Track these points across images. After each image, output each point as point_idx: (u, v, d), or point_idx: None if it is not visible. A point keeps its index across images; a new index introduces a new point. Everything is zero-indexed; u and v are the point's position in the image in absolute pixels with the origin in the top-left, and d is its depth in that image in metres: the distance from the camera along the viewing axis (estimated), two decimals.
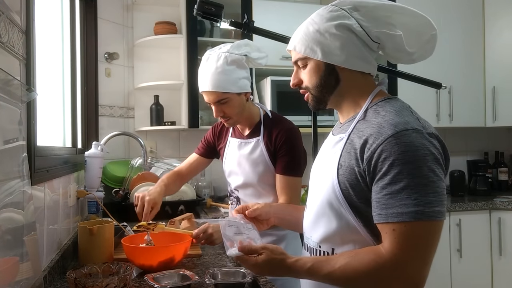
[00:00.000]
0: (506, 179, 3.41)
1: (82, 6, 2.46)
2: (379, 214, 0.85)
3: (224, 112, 1.57)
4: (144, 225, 1.43)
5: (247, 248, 0.98)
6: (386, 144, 0.85)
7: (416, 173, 0.82)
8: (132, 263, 1.26)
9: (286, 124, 1.62)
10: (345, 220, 0.93)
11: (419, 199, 0.81)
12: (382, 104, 0.96)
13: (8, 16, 0.96)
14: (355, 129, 0.95)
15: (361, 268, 0.85)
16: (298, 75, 1.05)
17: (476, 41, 3.19)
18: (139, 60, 2.95)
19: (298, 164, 1.59)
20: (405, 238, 0.82)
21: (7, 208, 0.81)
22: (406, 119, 0.88)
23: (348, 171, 0.91)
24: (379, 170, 0.85)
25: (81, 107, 2.37)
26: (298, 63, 1.03)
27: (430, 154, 0.84)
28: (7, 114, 0.87)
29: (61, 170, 1.53)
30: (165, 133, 3.00)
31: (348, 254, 0.90)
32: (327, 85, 1.00)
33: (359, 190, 0.90)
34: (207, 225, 1.46)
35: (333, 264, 0.88)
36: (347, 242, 0.94)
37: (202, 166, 1.89)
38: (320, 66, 0.99)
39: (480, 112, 3.22)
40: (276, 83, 2.76)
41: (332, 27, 0.96)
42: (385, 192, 0.84)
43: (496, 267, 2.85)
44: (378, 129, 0.88)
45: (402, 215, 0.82)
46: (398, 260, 0.83)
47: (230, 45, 1.56)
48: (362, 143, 0.89)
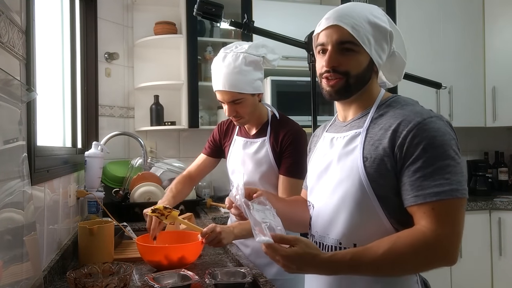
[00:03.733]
0: (506, 179, 3.41)
1: (82, 6, 2.46)
2: (416, 195, 0.88)
3: (237, 111, 1.57)
4: (160, 208, 1.41)
5: (278, 236, 0.90)
6: (417, 130, 0.90)
7: (446, 156, 0.88)
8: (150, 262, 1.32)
9: (293, 126, 1.63)
10: (370, 212, 0.94)
11: (451, 178, 0.87)
12: (394, 100, 1.02)
13: (8, 16, 0.96)
14: (371, 123, 0.99)
15: (407, 249, 0.87)
16: (337, 57, 0.98)
17: (476, 41, 3.19)
18: (139, 60, 2.95)
19: (302, 166, 1.58)
20: (445, 215, 0.87)
21: (7, 208, 0.81)
22: (425, 109, 0.95)
23: (377, 162, 0.93)
24: (411, 154, 0.89)
25: (81, 107, 2.37)
26: (346, 45, 0.97)
27: (453, 139, 0.91)
28: (7, 114, 0.87)
29: (61, 170, 1.53)
30: (165, 133, 3.00)
31: (387, 240, 0.89)
32: (364, 79, 1.01)
33: (389, 178, 0.93)
34: (214, 225, 1.45)
35: (375, 251, 0.88)
36: (370, 235, 0.94)
37: (210, 166, 1.88)
38: (366, 58, 0.99)
39: (480, 112, 3.22)
40: (276, 83, 2.76)
41: (387, 31, 1.01)
42: (419, 174, 0.88)
43: (496, 267, 2.85)
44: (405, 117, 0.93)
45: (440, 194, 0.86)
46: (441, 235, 0.86)
47: (248, 45, 1.55)
48: (390, 132, 0.93)
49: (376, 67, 1.02)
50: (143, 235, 1.52)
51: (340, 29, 0.97)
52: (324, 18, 1.02)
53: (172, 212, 1.42)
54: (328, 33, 0.99)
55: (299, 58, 2.64)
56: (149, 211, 1.43)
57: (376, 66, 1.02)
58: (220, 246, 1.48)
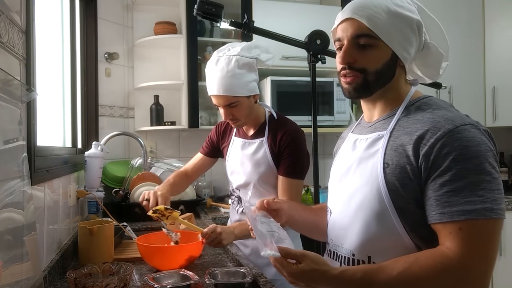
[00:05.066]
0: (506, 179, 3.40)
1: (82, 6, 2.46)
2: (441, 212, 0.79)
3: (233, 115, 1.56)
4: (161, 209, 1.40)
5: (285, 251, 0.85)
6: (447, 138, 0.80)
7: (480, 169, 0.78)
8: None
9: (291, 126, 1.62)
10: (388, 224, 0.86)
11: (485, 195, 0.77)
12: (425, 101, 0.92)
13: (8, 16, 0.96)
14: (397, 126, 0.90)
15: (426, 273, 0.77)
16: (353, 53, 0.91)
17: (476, 41, 3.18)
18: (139, 60, 2.95)
19: (301, 166, 1.58)
20: (473, 238, 0.77)
21: (7, 208, 0.81)
22: (460, 115, 0.85)
23: (398, 170, 0.85)
24: (439, 166, 0.80)
25: (81, 107, 2.37)
26: (361, 40, 0.90)
27: (490, 150, 0.81)
28: (7, 114, 0.87)
29: (61, 170, 1.53)
30: (165, 133, 3.00)
31: (404, 260, 0.81)
32: (386, 75, 0.93)
33: (411, 189, 0.84)
34: (215, 225, 1.45)
35: (389, 271, 0.79)
36: (386, 248, 0.87)
37: (207, 165, 1.89)
38: (387, 52, 0.91)
39: (480, 112, 3.22)
40: (276, 83, 2.76)
41: (413, 20, 0.91)
42: (447, 189, 0.79)
43: (496, 267, 2.83)
44: (434, 123, 0.83)
45: (470, 212, 0.76)
46: (467, 261, 0.76)
47: (240, 47, 1.53)
48: (415, 139, 0.83)
49: (402, 61, 0.93)
50: (143, 235, 1.53)
51: (356, 22, 0.90)
52: (341, 12, 0.95)
53: (173, 212, 1.42)
54: (344, 27, 0.92)
55: (299, 58, 2.65)
56: (150, 212, 1.43)
57: (402, 61, 0.92)
58: (221, 246, 1.48)
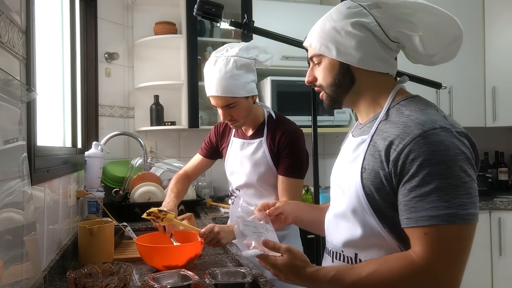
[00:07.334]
0: (506, 179, 3.41)
1: (82, 6, 2.46)
2: (408, 217, 0.81)
3: (231, 115, 1.56)
4: (155, 212, 1.40)
5: (270, 244, 0.92)
6: (414, 144, 0.80)
7: (447, 174, 0.78)
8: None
9: (289, 125, 1.62)
10: (369, 225, 0.88)
11: (451, 201, 0.77)
12: (405, 103, 0.92)
13: (8, 16, 0.96)
14: (378, 130, 0.91)
15: (392, 276, 0.80)
16: (313, 72, 1.02)
17: (476, 41, 3.18)
18: (139, 60, 2.95)
19: (301, 166, 1.58)
20: (438, 243, 0.78)
21: (7, 208, 0.81)
22: (433, 117, 0.84)
23: (373, 175, 0.87)
24: (407, 171, 0.81)
25: (81, 107, 2.37)
26: (314, 59, 1.00)
27: (461, 153, 0.79)
28: (7, 114, 0.87)
29: (61, 170, 1.53)
30: (165, 133, 3.00)
31: (375, 262, 0.84)
32: (342, 84, 0.96)
33: (385, 194, 0.85)
34: (213, 225, 1.45)
35: (358, 273, 0.83)
36: (372, 246, 0.89)
37: (206, 166, 1.89)
38: (334, 64, 0.96)
39: (480, 112, 3.22)
40: (276, 83, 2.76)
41: (349, 25, 0.92)
42: (414, 194, 0.80)
43: (496, 267, 2.85)
44: (404, 129, 0.84)
45: (434, 218, 0.77)
46: (433, 266, 0.78)
47: (238, 47, 1.54)
48: (387, 144, 0.85)
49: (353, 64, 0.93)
50: (143, 235, 1.53)
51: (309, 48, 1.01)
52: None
53: (167, 214, 1.41)
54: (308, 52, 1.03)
55: (299, 58, 2.65)
56: (144, 215, 1.42)
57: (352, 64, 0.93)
58: (219, 246, 1.48)
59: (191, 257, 1.40)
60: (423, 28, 0.90)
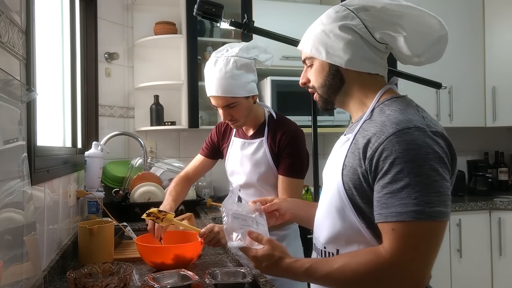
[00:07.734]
0: (506, 179, 3.41)
1: (82, 6, 2.46)
2: (379, 213, 0.84)
3: (232, 115, 1.57)
4: (154, 212, 1.39)
5: (254, 235, 0.98)
6: (387, 142, 0.83)
7: (417, 172, 0.80)
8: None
9: (290, 126, 1.62)
10: (349, 221, 0.92)
11: (420, 198, 0.79)
12: (388, 103, 0.94)
13: (8, 16, 0.96)
14: (361, 129, 0.94)
15: (360, 268, 0.84)
16: (306, 74, 1.06)
17: (476, 41, 3.19)
18: (139, 60, 2.95)
19: (301, 166, 1.58)
20: (404, 238, 0.80)
21: (7, 208, 0.81)
22: (409, 117, 0.86)
23: (352, 172, 0.90)
24: (380, 169, 0.84)
25: (81, 107, 2.37)
26: (306, 62, 1.05)
27: (433, 152, 0.82)
28: (7, 114, 0.87)
29: (61, 170, 1.53)
30: (165, 133, 3.00)
31: (347, 255, 0.89)
32: (332, 85, 1.00)
33: (362, 190, 0.89)
34: (212, 225, 1.45)
35: (331, 265, 0.87)
36: (352, 243, 0.92)
37: (208, 167, 1.87)
38: (324, 66, 1.00)
39: (480, 112, 3.22)
40: (276, 83, 2.76)
41: (337, 28, 0.96)
42: (386, 191, 0.83)
43: (496, 267, 2.85)
44: (381, 128, 0.87)
45: (401, 214, 0.80)
46: (397, 260, 0.81)
47: (238, 47, 1.54)
48: (365, 142, 0.88)
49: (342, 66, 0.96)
50: (143, 235, 1.52)
51: (302, 51, 1.06)
52: None
53: (167, 215, 1.41)
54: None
55: (299, 58, 2.63)
56: (144, 215, 1.42)
57: (340, 65, 0.96)
58: (219, 246, 1.48)
59: (191, 257, 1.40)
60: (408, 29, 0.93)
